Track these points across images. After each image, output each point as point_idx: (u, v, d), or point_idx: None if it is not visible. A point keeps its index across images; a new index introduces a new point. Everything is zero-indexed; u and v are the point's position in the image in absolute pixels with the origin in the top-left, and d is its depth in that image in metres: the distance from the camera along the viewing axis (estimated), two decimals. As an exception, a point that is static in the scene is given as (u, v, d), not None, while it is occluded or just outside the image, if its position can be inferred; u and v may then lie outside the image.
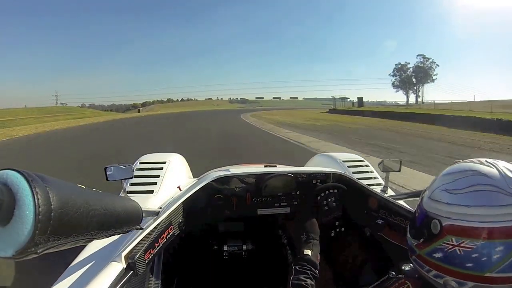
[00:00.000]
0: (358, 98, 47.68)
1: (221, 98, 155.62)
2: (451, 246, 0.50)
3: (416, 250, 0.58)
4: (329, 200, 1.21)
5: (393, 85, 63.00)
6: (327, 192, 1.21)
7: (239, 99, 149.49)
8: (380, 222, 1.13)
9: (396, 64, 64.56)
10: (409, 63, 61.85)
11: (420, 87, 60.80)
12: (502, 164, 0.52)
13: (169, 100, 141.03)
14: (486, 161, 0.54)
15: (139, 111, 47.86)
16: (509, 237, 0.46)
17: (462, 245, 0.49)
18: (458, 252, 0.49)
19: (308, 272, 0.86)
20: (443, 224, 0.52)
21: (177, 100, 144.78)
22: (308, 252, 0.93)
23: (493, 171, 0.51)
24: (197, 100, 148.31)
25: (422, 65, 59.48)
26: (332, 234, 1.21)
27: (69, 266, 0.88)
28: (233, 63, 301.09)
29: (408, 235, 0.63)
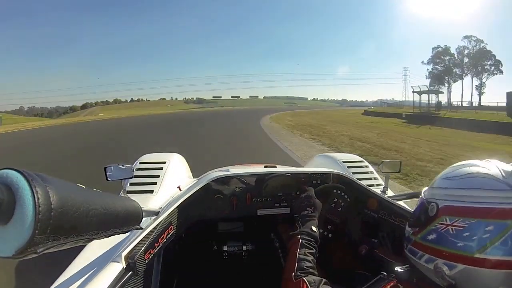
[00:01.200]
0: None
1: (176, 98, 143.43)
2: (444, 226, 0.54)
3: (412, 238, 0.62)
4: (339, 201, 1.22)
5: (432, 76, 42.92)
6: (342, 193, 1.22)
7: (195, 99, 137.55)
8: (375, 241, 1.13)
9: (434, 48, 44.13)
10: (449, 47, 42.92)
11: (484, 79, 39.76)
12: (498, 162, 0.57)
13: (116, 101, 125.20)
14: (485, 160, 0.58)
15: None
16: (500, 218, 0.49)
17: (455, 224, 0.52)
18: (451, 231, 0.52)
19: (313, 249, 0.83)
20: (439, 206, 0.56)
21: (126, 100, 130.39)
22: (315, 229, 0.90)
23: (490, 164, 0.56)
24: (148, 100, 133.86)
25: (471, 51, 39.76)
26: (320, 231, 1.21)
27: (69, 266, 0.88)
28: (189, 60, 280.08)
29: (407, 228, 0.66)
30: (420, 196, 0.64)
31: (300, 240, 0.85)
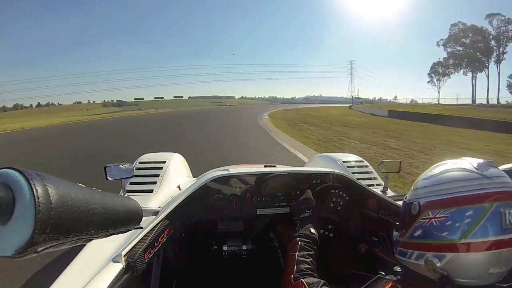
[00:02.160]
0: None
1: (93, 101, 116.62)
2: (428, 220, 0.57)
3: (400, 240, 0.64)
4: (338, 200, 1.22)
5: (451, 63, 33.18)
6: (340, 192, 1.22)
7: (115, 101, 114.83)
8: (375, 240, 1.13)
9: (453, 24, 33.85)
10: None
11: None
12: (470, 158, 0.61)
13: (16, 107, 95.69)
14: (459, 158, 0.63)
15: None
16: (477, 202, 0.52)
17: (437, 215, 0.55)
18: (435, 224, 0.56)
19: (312, 251, 0.85)
20: (421, 204, 0.59)
21: (31, 105, 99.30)
22: (314, 231, 0.92)
23: (463, 161, 0.60)
24: (61, 104, 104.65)
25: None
26: (321, 231, 1.21)
27: (69, 266, 0.88)
28: (107, 59, 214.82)
29: (394, 233, 0.68)
30: (403, 201, 0.67)
31: (299, 243, 0.86)
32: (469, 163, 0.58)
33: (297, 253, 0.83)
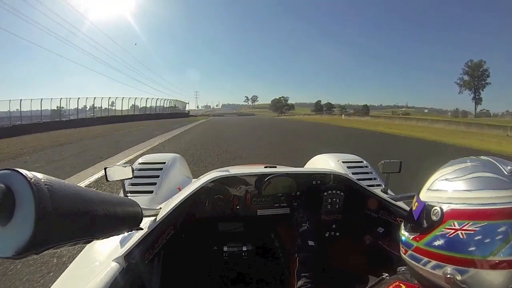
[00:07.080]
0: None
1: None
2: (453, 231, 0.50)
3: (413, 243, 0.57)
4: (334, 200, 1.21)
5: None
6: (333, 191, 1.22)
7: None
8: (380, 231, 1.13)
9: None
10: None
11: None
12: (495, 158, 0.55)
13: None
14: (481, 156, 0.57)
15: None
16: (511, 217, 0.46)
17: (464, 228, 0.49)
18: (461, 236, 0.49)
19: (312, 263, 0.87)
20: (444, 210, 0.52)
21: None
22: (312, 243, 0.94)
23: (489, 161, 0.54)
24: None
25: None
26: (326, 235, 1.21)
27: (69, 266, 0.88)
28: None
29: (403, 231, 0.62)
30: (417, 198, 0.60)
31: (298, 259, 0.90)
32: (499, 166, 0.52)
33: (297, 268, 0.87)
